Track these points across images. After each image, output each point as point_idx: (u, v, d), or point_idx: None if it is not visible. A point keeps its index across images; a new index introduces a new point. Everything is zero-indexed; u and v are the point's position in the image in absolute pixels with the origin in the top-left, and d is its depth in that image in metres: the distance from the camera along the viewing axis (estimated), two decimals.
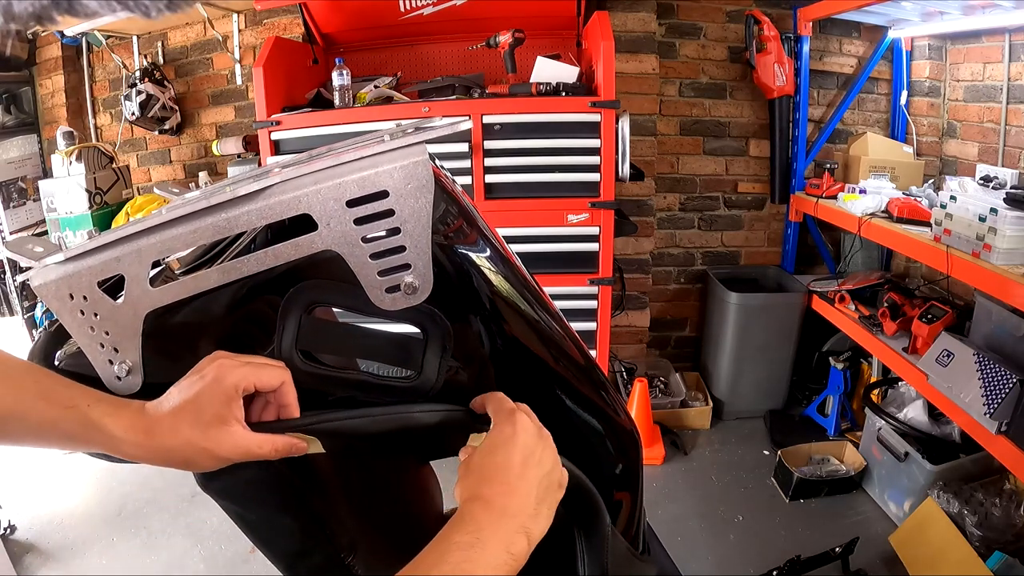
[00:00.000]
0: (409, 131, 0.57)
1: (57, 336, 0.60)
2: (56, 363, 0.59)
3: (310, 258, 0.55)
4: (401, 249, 0.54)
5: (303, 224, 0.54)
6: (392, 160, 0.53)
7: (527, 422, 0.57)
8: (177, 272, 0.56)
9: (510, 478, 0.53)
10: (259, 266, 0.53)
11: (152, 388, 0.56)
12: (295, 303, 0.56)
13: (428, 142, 0.56)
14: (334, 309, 0.72)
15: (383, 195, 0.53)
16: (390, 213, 0.53)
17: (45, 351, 0.60)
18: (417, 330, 0.60)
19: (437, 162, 0.74)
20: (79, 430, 0.50)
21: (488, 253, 0.62)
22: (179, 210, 0.54)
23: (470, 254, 0.60)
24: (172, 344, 0.58)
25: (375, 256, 0.54)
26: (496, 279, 0.62)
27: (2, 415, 0.49)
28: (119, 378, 0.55)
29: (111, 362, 0.55)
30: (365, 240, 0.54)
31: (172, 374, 0.56)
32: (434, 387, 0.59)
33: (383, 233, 0.54)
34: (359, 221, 0.53)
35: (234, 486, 0.62)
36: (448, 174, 0.68)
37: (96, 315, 0.54)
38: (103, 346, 0.55)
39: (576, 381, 0.71)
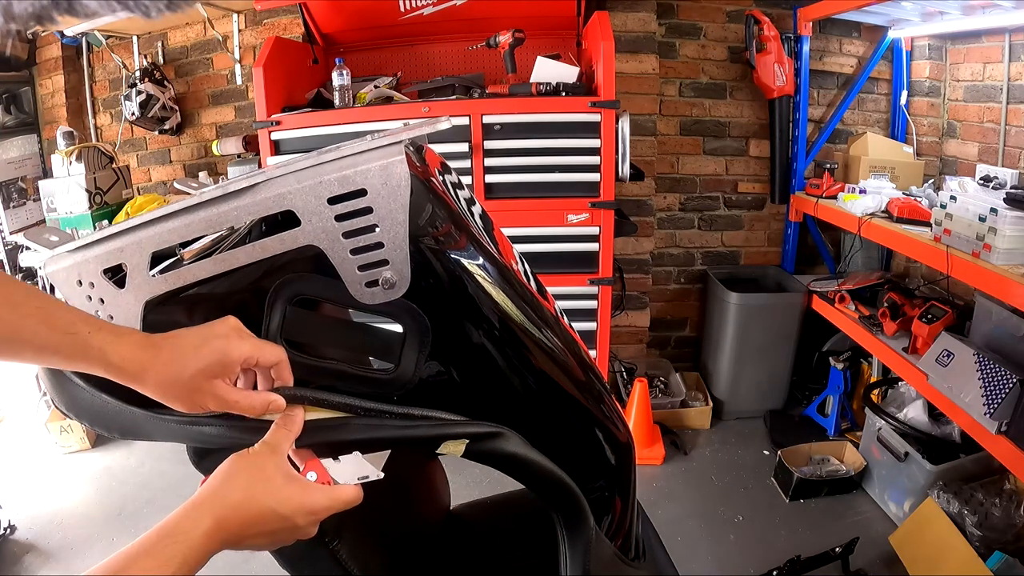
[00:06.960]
0: (401, 131, 0.58)
1: None
2: None
3: (315, 252, 0.56)
4: (379, 245, 0.56)
5: (294, 220, 0.56)
6: (370, 160, 0.55)
7: (332, 506, 0.56)
8: (185, 262, 0.58)
9: (247, 535, 0.54)
10: (248, 258, 0.56)
11: None
12: (281, 294, 0.58)
13: (406, 142, 0.57)
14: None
15: (361, 193, 0.55)
16: (368, 211, 0.55)
17: None
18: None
19: (452, 174, 0.74)
20: (78, 355, 0.52)
21: (481, 260, 0.63)
22: (175, 205, 0.56)
23: (462, 259, 0.61)
24: (171, 328, 0.60)
25: (355, 252, 0.56)
26: (491, 288, 0.63)
27: (3, 337, 0.51)
28: None
29: None
30: (346, 236, 0.56)
31: None
32: (410, 381, 0.61)
33: (363, 229, 0.56)
34: (340, 218, 0.55)
35: None
36: (449, 181, 0.68)
37: (102, 300, 0.58)
38: None
39: (571, 391, 0.72)
